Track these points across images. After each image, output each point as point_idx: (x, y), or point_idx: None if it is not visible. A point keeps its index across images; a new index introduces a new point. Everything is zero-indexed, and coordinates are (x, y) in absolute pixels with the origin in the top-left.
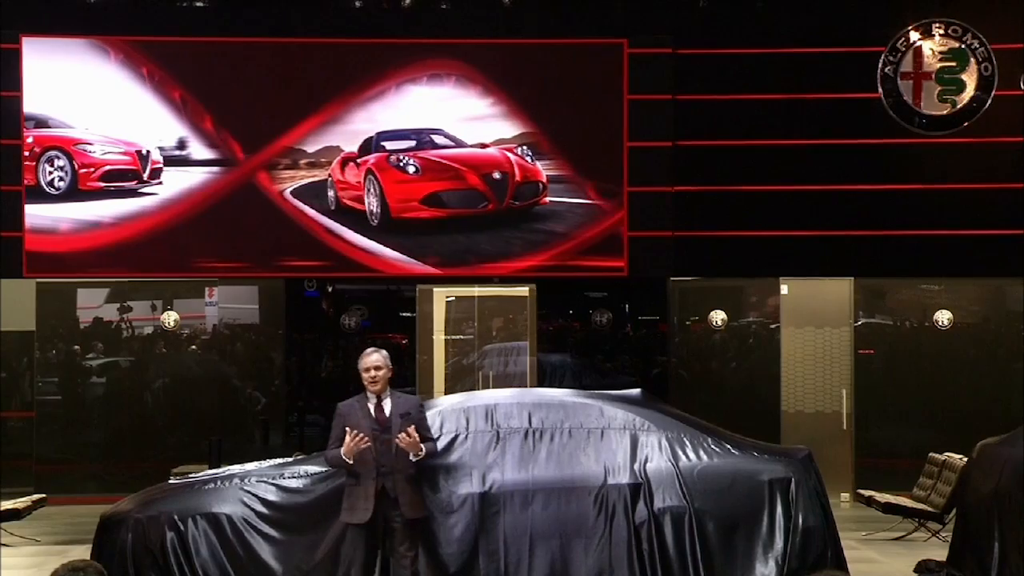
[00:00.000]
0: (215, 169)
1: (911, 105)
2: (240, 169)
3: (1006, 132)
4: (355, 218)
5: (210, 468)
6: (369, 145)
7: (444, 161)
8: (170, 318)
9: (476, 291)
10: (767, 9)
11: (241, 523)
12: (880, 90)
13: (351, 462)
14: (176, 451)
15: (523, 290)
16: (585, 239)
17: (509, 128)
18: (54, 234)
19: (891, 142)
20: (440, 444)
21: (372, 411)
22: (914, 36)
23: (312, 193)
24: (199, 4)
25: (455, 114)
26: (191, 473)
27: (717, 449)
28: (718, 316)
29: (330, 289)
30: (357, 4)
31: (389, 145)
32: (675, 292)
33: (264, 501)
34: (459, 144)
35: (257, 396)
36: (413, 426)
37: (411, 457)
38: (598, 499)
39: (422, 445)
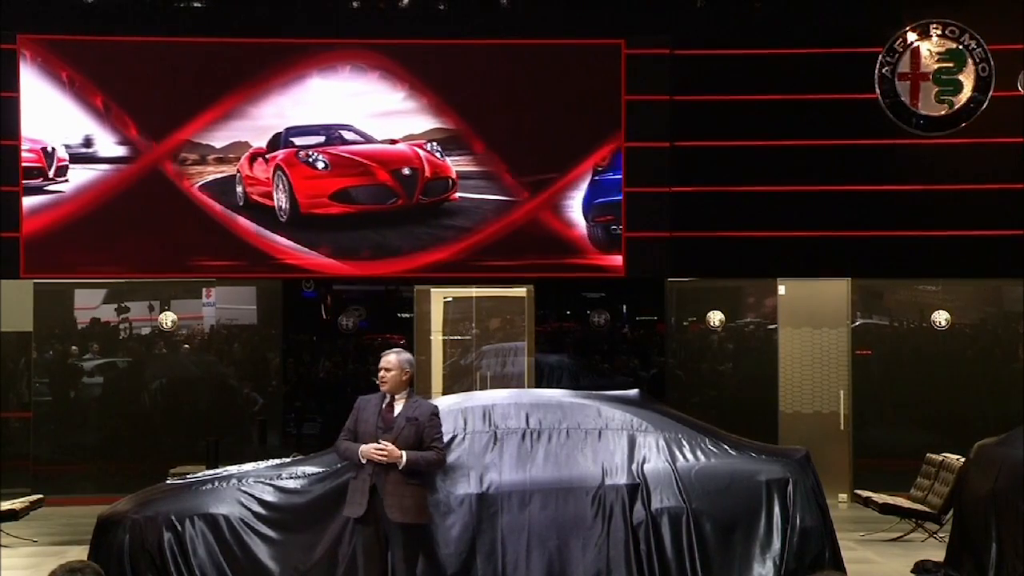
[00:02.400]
0: (123, 165)
1: (909, 106)
2: (147, 164)
3: (1004, 133)
4: (263, 214)
5: (208, 469)
6: (278, 141)
7: (353, 157)
8: (168, 319)
9: (474, 292)
10: (765, 10)
11: (238, 524)
12: (878, 91)
13: (364, 462)
14: (173, 451)
15: (521, 291)
16: (494, 233)
17: (420, 123)
18: None
19: (889, 143)
20: None
21: (382, 409)
22: (912, 37)
23: (220, 189)
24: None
25: (367, 109)
26: (189, 474)
27: (715, 450)
28: (716, 317)
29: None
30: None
31: (298, 141)
32: (673, 293)
33: (261, 502)
34: (368, 140)
35: (255, 396)
36: (395, 440)
37: (398, 467)
38: (596, 500)
39: (402, 454)
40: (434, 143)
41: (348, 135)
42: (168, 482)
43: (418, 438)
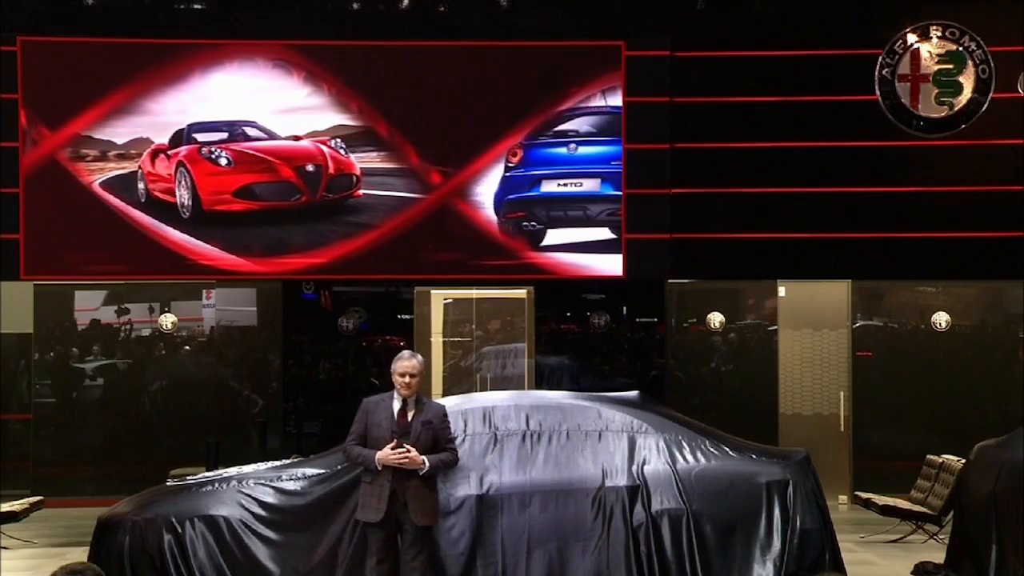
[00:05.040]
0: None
1: (909, 107)
2: (43, 156)
3: (1004, 134)
4: (166, 210)
5: (207, 470)
6: (180, 137)
7: (257, 153)
8: (167, 320)
9: (474, 293)
10: (765, 12)
11: (239, 525)
12: (878, 92)
13: (380, 469)
14: (174, 453)
15: (521, 292)
16: (400, 229)
17: (325, 120)
18: None
19: (889, 144)
20: None
21: (396, 413)
22: (912, 38)
23: (122, 185)
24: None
25: (270, 106)
26: (188, 475)
27: (715, 451)
28: (716, 318)
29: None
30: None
31: (201, 137)
32: (673, 294)
33: (262, 503)
34: (272, 136)
35: (255, 398)
36: (415, 445)
37: (420, 473)
38: (596, 501)
39: (425, 459)
40: (338, 139)
41: (251, 131)
42: (168, 484)
43: (434, 441)
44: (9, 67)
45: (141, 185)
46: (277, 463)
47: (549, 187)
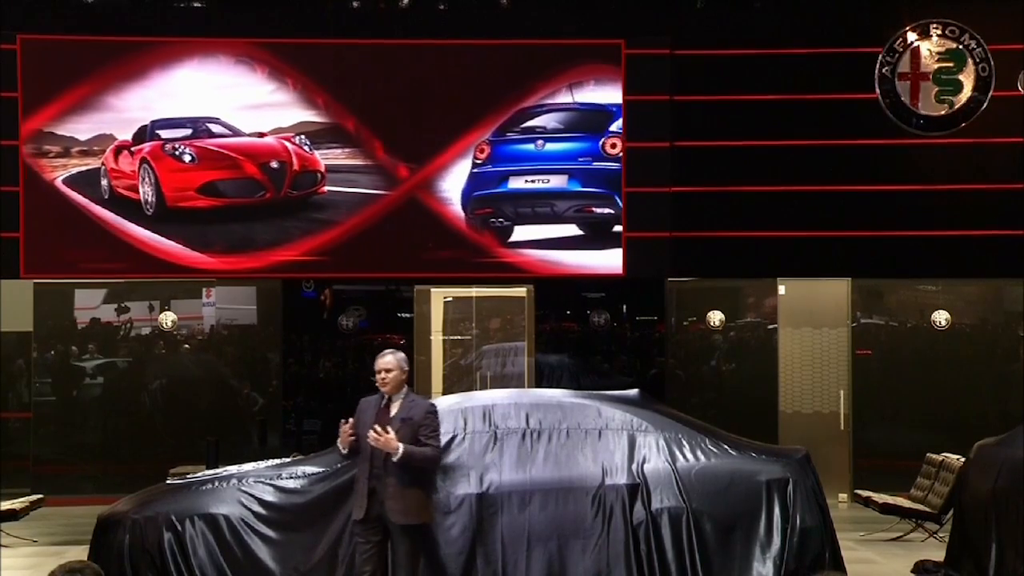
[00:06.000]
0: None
1: (908, 106)
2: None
3: (1003, 133)
4: (130, 207)
5: (208, 469)
6: (144, 133)
7: (221, 150)
8: (167, 319)
9: (474, 292)
10: (765, 10)
11: (239, 524)
12: (878, 91)
13: (345, 451)
14: (174, 452)
15: (521, 291)
16: (366, 225)
17: (289, 116)
18: None
19: (889, 143)
20: None
21: (380, 411)
22: (912, 37)
23: (85, 182)
24: None
25: (235, 102)
26: (189, 474)
27: (715, 450)
28: (716, 317)
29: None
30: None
31: (164, 134)
32: (673, 293)
33: (262, 502)
34: (236, 133)
35: (255, 396)
36: (393, 430)
37: (393, 458)
38: (596, 500)
39: (399, 446)
40: (302, 136)
41: (215, 128)
42: (168, 482)
43: (414, 439)
44: (8, 66)
45: (104, 182)
46: (277, 461)
47: (516, 183)
